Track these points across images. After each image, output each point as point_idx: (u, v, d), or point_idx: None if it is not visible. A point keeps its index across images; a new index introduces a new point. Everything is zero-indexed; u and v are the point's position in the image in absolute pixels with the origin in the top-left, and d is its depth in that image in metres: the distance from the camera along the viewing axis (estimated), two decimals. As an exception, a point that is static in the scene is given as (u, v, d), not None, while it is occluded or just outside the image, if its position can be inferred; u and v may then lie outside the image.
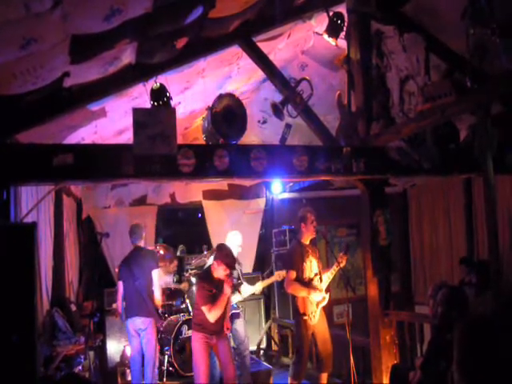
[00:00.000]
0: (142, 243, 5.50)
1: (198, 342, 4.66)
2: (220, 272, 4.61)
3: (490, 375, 1.61)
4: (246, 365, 5.49)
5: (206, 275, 4.85)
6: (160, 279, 6.02)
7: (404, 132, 4.29)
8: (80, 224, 7.29)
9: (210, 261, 5.18)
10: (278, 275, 5.81)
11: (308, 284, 5.10)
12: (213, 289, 4.59)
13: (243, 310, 5.79)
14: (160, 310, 5.61)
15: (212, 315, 4.53)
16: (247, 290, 5.72)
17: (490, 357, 1.63)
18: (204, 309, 4.54)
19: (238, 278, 5.59)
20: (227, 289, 4.54)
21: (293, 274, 5.06)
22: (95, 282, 6.59)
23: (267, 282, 6.04)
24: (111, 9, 2.87)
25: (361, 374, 5.23)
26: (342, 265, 5.18)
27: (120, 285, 5.46)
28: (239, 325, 5.50)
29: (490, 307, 3.93)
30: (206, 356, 4.63)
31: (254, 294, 7.54)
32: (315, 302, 5.10)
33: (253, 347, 7.43)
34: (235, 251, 5.35)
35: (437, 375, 3.51)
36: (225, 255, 4.65)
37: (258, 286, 5.90)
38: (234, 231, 5.74)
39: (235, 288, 5.19)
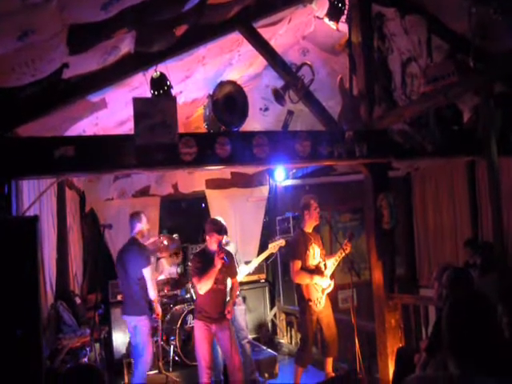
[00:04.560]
0: (135, 234, 5.25)
1: (199, 331, 4.69)
2: (214, 244, 4.68)
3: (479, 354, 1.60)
4: (247, 352, 5.52)
5: (200, 251, 4.90)
6: (164, 270, 6.02)
7: (407, 114, 4.26)
8: (84, 217, 7.30)
9: None
10: (274, 247, 5.79)
11: (313, 271, 5.11)
12: (203, 262, 4.62)
13: (244, 298, 5.78)
14: (154, 305, 5.48)
15: (200, 286, 4.57)
16: (244, 270, 5.70)
17: (478, 335, 1.62)
18: (194, 281, 4.62)
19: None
20: (217, 260, 4.53)
21: (298, 264, 5.06)
22: (99, 275, 6.61)
23: (262, 256, 6.00)
24: (108, -4, 2.84)
25: (366, 358, 5.24)
26: (346, 252, 5.19)
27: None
28: (239, 313, 5.51)
29: (493, 288, 3.93)
30: (207, 344, 4.66)
31: (258, 282, 7.65)
32: (320, 289, 5.11)
33: (258, 334, 7.48)
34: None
35: (442, 357, 3.51)
36: (212, 223, 4.79)
37: (254, 263, 5.88)
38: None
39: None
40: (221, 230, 4.71)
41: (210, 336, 4.69)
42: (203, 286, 4.58)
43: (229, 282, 4.93)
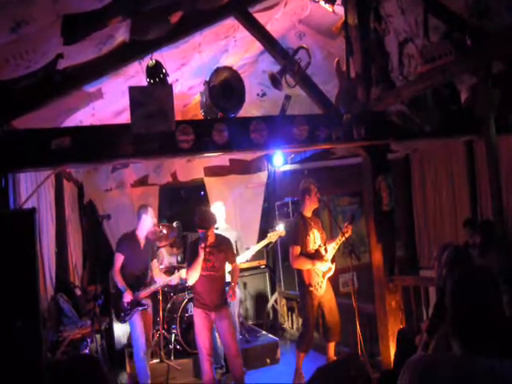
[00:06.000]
0: (136, 228, 5.35)
1: (198, 318, 4.71)
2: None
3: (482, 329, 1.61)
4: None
5: (195, 240, 4.88)
6: (164, 259, 6.03)
7: (404, 95, 4.23)
8: (82, 208, 7.29)
9: None
10: (273, 236, 5.78)
11: (313, 256, 5.08)
12: (193, 252, 4.63)
13: (245, 284, 5.76)
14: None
15: (188, 277, 4.64)
16: (239, 258, 5.71)
17: (482, 311, 1.63)
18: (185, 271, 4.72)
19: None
20: (199, 250, 4.55)
21: (297, 250, 5.02)
22: (99, 266, 6.61)
23: (260, 245, 5.99)
24: (101, -16, 2.81)
25: (367, 341, 5.27)
26: (346, 235, 5.15)
27: None
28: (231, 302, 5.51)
29: (493, 267, 3.95)
30: (207, 331, 4.68)
31: (258, 268, 7.66)
32: (321, 273, 5.08)
33: (259, 320, 7.53)
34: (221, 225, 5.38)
35: (443, 338, 3.53)
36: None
37: (251, 251, 5.88)
38: (219, 202, 5.68)
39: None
40: (200, 224, 4.63)
41: (209, 323, 4.71)
42: (189, 276, 4.63)
43: (228, 266, 4.94)
